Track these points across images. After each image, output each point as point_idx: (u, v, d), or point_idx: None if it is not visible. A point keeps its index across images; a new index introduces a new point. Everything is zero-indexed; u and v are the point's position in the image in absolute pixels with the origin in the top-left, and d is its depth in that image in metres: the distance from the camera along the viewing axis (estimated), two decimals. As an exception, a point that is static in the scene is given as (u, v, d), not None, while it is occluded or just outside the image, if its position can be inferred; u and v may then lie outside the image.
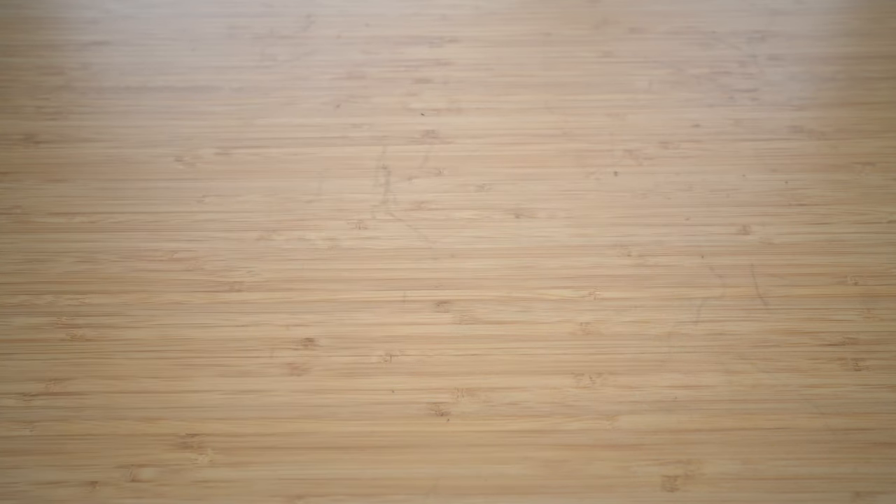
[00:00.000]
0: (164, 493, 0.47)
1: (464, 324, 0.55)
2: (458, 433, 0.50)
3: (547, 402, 0.51)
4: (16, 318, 0.56)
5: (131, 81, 0.75)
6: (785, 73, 0.75)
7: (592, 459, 0.48)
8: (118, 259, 0.59)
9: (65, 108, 0.73)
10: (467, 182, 0.65)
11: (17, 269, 0.59)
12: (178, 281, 0.57)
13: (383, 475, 0.48)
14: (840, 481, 0.47)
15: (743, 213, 0.62)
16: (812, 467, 0.48)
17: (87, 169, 0.67)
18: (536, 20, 0.82)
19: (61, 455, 0.49)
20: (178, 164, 0.67)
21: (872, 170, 0.66)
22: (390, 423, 0.50)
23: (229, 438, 0.50)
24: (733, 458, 0.48)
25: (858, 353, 0.53)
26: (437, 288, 0.57)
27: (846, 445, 0.49)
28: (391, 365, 0.53)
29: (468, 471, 0.48)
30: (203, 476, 0.48)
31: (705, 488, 0.47)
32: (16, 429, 0.50)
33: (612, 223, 0.61)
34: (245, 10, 0.82)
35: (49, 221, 0.62)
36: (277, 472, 0.48)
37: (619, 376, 0.52)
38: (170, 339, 0.55)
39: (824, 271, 0.58)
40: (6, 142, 0.69)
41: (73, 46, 0.79)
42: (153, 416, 0.51)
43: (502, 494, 0.47)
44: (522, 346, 0.54)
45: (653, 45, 0.79)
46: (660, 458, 0.48)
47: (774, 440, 0.49)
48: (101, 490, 0.47)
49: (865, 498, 0.46)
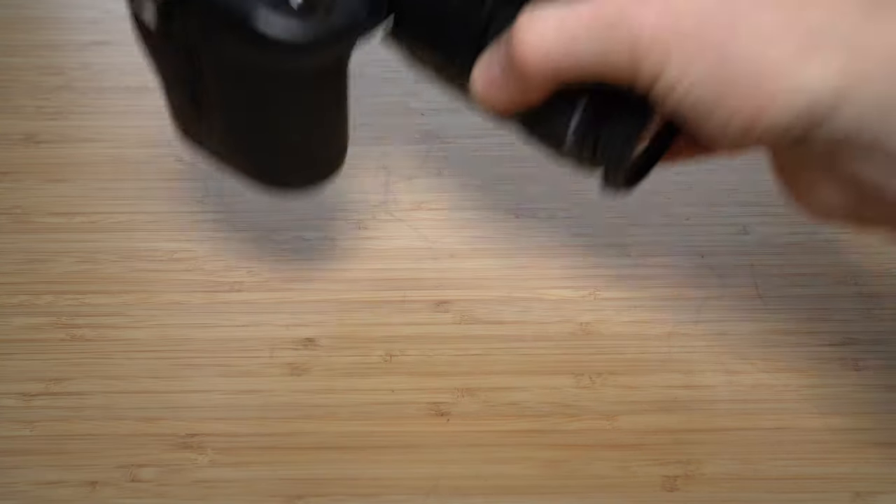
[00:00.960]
0: (164, 493, 0.47)
1: (464, 324, 0.55)
2: (458, 433, 0.50)
3: (547, 402, 0.51)
4: (16, 318, 0.56)
5: (131, 81, 0.75)
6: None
7: (592, 459, 0.48)
8: (118, 259, 0.59)
9: (65, 108, 0.73)
10: (467, 182, 0.65)
11: (17, 269, 0.59)
12: (178, 281, 0.57)
13: (383, 475, 0.48)
14: (840, 481, 0.47)
15: (743, 213, 0.62)
16: (812, 467, 0.48)
17: (87, 169, 0.67)
18: (536, 20, 0.82)
19: (61, 455, 0.49)
20: (178, 164, 0.67)
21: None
22: (390, 423, 0.50)
23: (229, 438, 0.50)
24: (733, 458, 0.48)
25: (858, 353, 0.53)
26: (437, 288, 0.57)
27: (846, 445, 0.49)
28: (391, 365, 0.53)
29: (468, 471, 0.48)
30: (203, 476, 0.48)
31: (705, 488, 0.47)
32: (16, 429, 0.50)
33: (612, 223, 0.61)
34: (245, 10, 0.82)
35: (49, 221, 0.62)
36: (277, 472, 0.48)
37: (619, 376, 0.52)
38: (170, 339, 0.55)
39: (824, 271, 0.58)
40: (6, 142, 0.69)
41: (74, 46, 0.79)
42: (153, 416, 0.51)
43: (502, 494, 0.47)
44: (522, 346, 0.54)
45: (653, 45, 0.78)
46: (660, 458, 0.48)
47: (774, 440, 0.49)
48: (101, 490, 0.47)
49: (865, 498, 0.46)
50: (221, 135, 0.45)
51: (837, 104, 0.35)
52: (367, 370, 0.53)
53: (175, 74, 0.44)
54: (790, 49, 0.35)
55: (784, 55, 0.35)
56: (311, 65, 0.41)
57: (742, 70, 0.35)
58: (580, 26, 0.38)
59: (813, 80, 0.34)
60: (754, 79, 0.35)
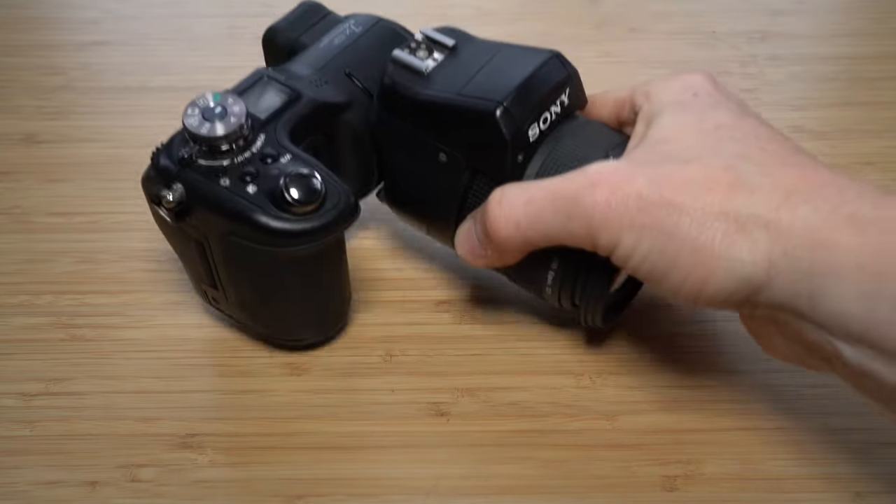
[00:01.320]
0: (164, 493, 0.47)
1: (464, 324, 0.55)
2: (458, 433, 0.50)
3: (547, 402, 0.51)
4: (16, 318, 0.56)
5: (131, 81, 0.75)
6: (785, 73, 0.75)
7: (592, 459, 0.48)
8: (118, 259, 0.59)
9: (65, 108, 0.73)
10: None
11: (17, 269, 0.59)
12: (177, 281, 0.57)
13: (383, 475, 0.48)
14: (840, 481, 0.47)
15: (743, 213, 0.62)
16: (812, 467, 0.48)
17: (87, 169, 0.67)
18: (536, 20, 0.82)
19: (61, 455, 0.49)
20: (178, 164, 0.67)
21: (872, 170, 0.66)
22: (390, 423, 0.50)
23: (229, 438, 0.50)
24: (733, 458, 0.48)
25: (858, 353, 0.53)
26: (436, 288, 0.57)
27: (846, 445, 0.49)
28: (391, 365, 0.53)
29: (468, 471, 0.48)
30: (203, 476, 0.48)
31: (705, 488, 0.47)
32: (16, 429, 0.50)
33: (612, 223, 0.61)
34: (245, 10, 0.82)
35: (49, 221, 0.62)
36: (277, 472, 0.48)
37: (619, 376, 0.52)
38: (170, 339, 0.55)
39: (824, 271, 0.58)
40: (6, 142, 0.69)
41: (73, 46, 0.79)
42: (153, 416, 0.51)
43: (502, 494, 0.47)
44: (522, 346, 0.54)
45: (653, 45, 0.79)
46: (660, 458, 0.48)
47: (774, 440, 0.49)
48: (101, 490, 0.47)
49: (865, 498, 0.46)
50: (236, 304, 0.50)
51: (769, 277, 0.39)
52: (367, 370, 0.53)
53: (191, 256, 0.49)
54: (721, 231, 0.39)
55: (717, 236, 0.39)
56: (311, 249, 0.46)
57: (686, 246, 0.40)
58: (545, 203, 0.44)
59: (744, 257, 0.39)
60: (696, 255, 0.40)
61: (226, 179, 0.45)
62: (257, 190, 0.45)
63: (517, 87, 0.46)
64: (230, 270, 0.48)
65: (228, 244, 0.46)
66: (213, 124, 0.45)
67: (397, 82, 0.49)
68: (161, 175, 0.46)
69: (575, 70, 0.49)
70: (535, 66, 0.48)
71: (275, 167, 0.45)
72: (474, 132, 0.47)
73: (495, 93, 0.46)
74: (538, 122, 0.47)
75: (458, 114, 0.47)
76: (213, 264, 0.48)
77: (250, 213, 0.44)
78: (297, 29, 0.55)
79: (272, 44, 0.55)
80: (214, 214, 0.45)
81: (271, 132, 0.47)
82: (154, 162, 0.47)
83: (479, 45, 0.51)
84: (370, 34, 0.54)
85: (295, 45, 0.54)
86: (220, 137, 0.45)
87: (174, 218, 0.46)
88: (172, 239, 0.50)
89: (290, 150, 0.46)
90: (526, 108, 0.46)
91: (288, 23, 0.55)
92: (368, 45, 0.54)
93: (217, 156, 0.45)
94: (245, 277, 0.48)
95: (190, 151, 0.45)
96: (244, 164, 0.45)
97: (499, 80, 0.47)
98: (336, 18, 0.56)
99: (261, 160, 0.46)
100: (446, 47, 0.50)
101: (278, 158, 0.46)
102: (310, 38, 0.54)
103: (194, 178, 0.45)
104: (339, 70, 0.52)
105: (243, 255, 0.46)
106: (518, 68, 0.48)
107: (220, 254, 0.47)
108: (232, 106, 0.46)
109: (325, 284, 0.50)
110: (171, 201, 0.45)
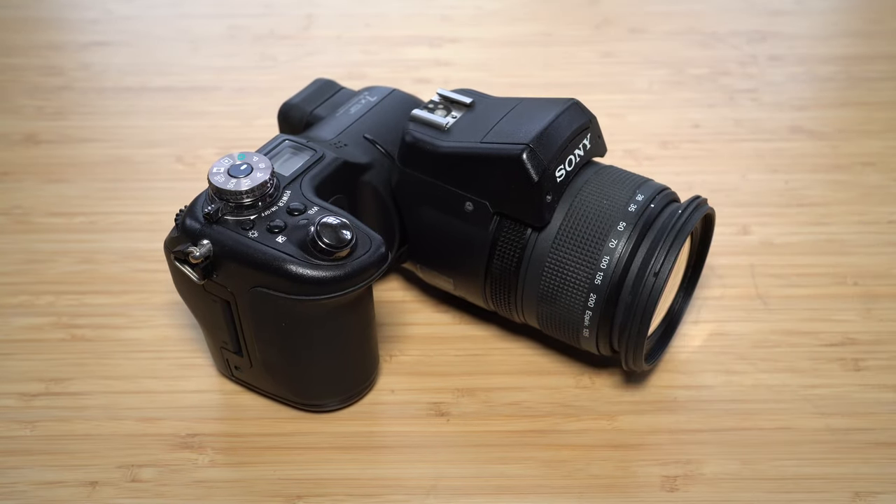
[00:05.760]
0: (164, 493, 0.47)
1: (464, 324, 0.55)
2: (458, 433, 0.50)
3: (547, 402, 0.51)
4: (16, 318, 0.56)
5: (131, 81, 0.75)
6: (785, 73, 0.75)
7: (592, 459, 0.48)
8: (118, 259, 0.59)
9: (65, 108, 0.73)
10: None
11: (17, 269, 0.59)
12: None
13: (383, 475, 0.48)
14: (840, 481, 0.47)
15: (743, 213, 0.62)
16: (812, 467, 0.48)
17: (87, 169, 0.67)
18: (536, 20, 0.82)
19: (61, 455, 0.49)
20: (178, 165, 0.67)
21: (872, 170, 0.66)
22: (390, 423, 0.50)
23: (229, 438, 0.50)
24: (733, 458, 0.48)
25: (858, 353, 0.53)
26: (436, 288, 0.57)
27: (846, 445, 0.49)
28: (391, 365, 0.53)
29: (468, 471, 0.48)
30: (203, 476, 0.48)
31: (705, 488, 0.47)
32: (16, 429, 0.50)
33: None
34: (245, 10, 0.82)
35: (49, 221, 0.62)
36: (277, 472, 0.48)
37: (619, 376, 0.52)
38: (170, 339, 0.55)
39: (824, 271, 0.58)
40: (6, 142, 0.69)
41: (74, 46, 0.80)
42: (153, 416, 0.51)
43: (502, 494, 0.47)
44: (522, 346, 0.54)
45: (653, 45, 0.79)
46: (660, 458, 0.48)
47: (774, 440, 0.49)
48: (101, 490, 0.47)
49: (865, 498, 0.46)
50: (260, 368, 0.49)
51: None
52: (367, 370, 0.53)
53: (214, 320, 0.48)
54: None
55: None
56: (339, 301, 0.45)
57: None
58: None
59: None
60: None
61: (254, 232, 0.44)
62: (286, 240, 0.44)
63: (541, 132, 0.47)
64: (257, 328, 0.47)
65: (256, 299, 0.45)
66: (238, 180, 0.44)
67: (418, 139, 0.49)
68: (186, 234, 0.45)
69: (594, 116, 0.50)
70: (557, 112, 0.48)
71: (303, 218, 0.45)
72: (502, 177, 0.47)
73: (520, 137, 0.47)
74: (564, 164, 0.48)
75: (484, 161, 0.47)
76: (239, 324, 0.47)
77: (281, 262, 0.43)
78: (312, 103, 0.55)
79: (288, 117, 0.55)
80: (243, 266, 0.44)
81: (296, 189, 0.47)
82: (178, 224, 0.46)
83: (497, 100, 0.51)
84: (385, 102, 0.55)
85: (310, 118, 0.54)
86: (246, 192, 0.44)
87: (201, 274, 0.45)
88: (196, 303, 0.48)
89: (317, 203, 0.46)
90: (551, 151, 0.47)
91: (302, 98, 0.56)
92: (385, 111, 0.54)
93: (244, 211, 0.45)
94: (273, 334, 0.46)
95: (216, 207, 0.45)
96: (271, 217, 0.45)
97: (522, 126, 0.48)
98: (349, 92, 0.57)
99: (288, 213, 0.45)
100: (464, 105, 0.51)
101: (305, 210, 0.45)
102: (325, 110, 0.55)
103: (221, 232, 0.44)
104: (358, 134, 0.52)
105: (272, 309, 0.45)
106: (539, 115, 0.48)
107: (247, 311, 0.46)
108: (257, 163, 0.45)
109: (352, 336, 0.48)
110: (197, 256, 0.43)
